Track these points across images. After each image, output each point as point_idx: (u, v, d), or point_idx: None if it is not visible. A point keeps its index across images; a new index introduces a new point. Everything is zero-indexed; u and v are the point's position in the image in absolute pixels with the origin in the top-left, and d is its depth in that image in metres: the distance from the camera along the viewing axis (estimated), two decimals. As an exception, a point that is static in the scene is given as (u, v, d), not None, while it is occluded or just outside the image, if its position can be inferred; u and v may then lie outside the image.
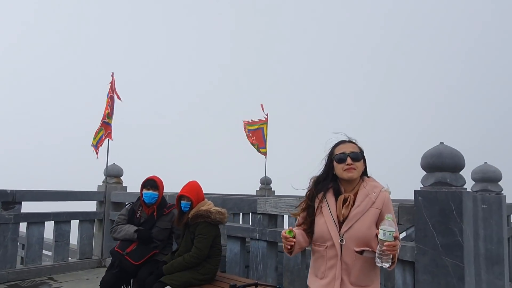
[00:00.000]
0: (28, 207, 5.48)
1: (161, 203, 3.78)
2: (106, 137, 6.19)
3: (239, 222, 7.71)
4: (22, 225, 5.43)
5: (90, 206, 6.27)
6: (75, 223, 5.98)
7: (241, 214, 7.82)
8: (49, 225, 5.71)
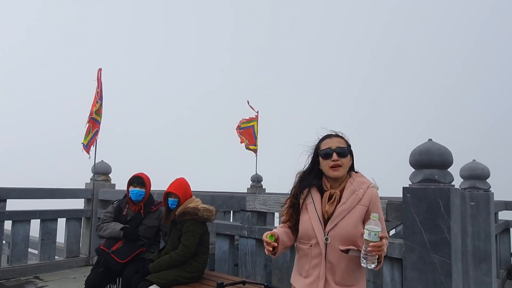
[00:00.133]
0: (13, 205, 5.38)
1: (148, 200, 3.72)
2: (95, 137, 6.07)
3: (229, 220, 7.67)
4: (7, 223, 5.33)
5: (77, 204, 6.17)
6: (62, 221, 5.89)
7: (232, 212, 7.79)
8: (35, 223, 5.62)
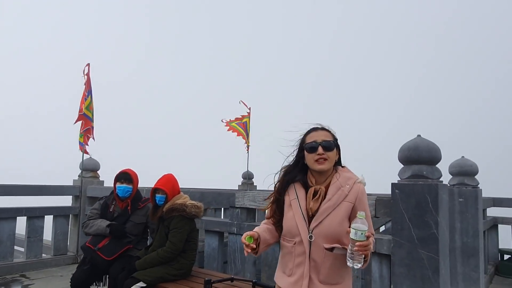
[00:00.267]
0: (-2, 201, 5.29)
1: (135, 196, 3.67)
2: (88, 134, 5.95)
3: (220, 217, 7.63)
4: (-8, 220, 5.23)
5: (65, 201, 6.08)
6: (49, 219, 5.79)
7: (223, 209, 7.75)
8: (22, 221, 5.52)
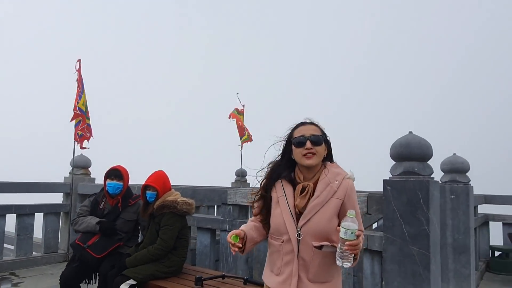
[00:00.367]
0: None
1: (126, 193, 3.62)
2: (86, 132, 5.86)
3: (213, 214, 7.61)
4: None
5: (55, 198, 6.01)
6: (39, 216, 5.72)
7: (216, 206, 7.73)
8: (11, 218, 5.45)
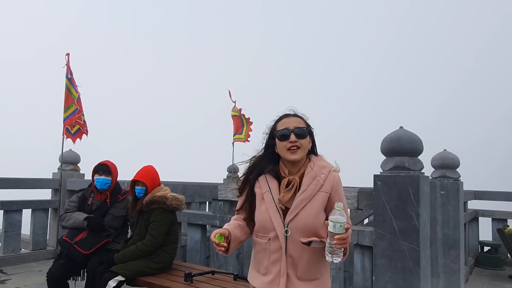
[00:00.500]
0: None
1: (114, 189, 3.57)
2: (80, 121, 5.76)
3: (205, 211, 7.57)
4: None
5: (44, 194, 5.93)
6: (27, 212, 5.64)
7: (207, 202, 7.69)
8: (-2, 215, 5.36)
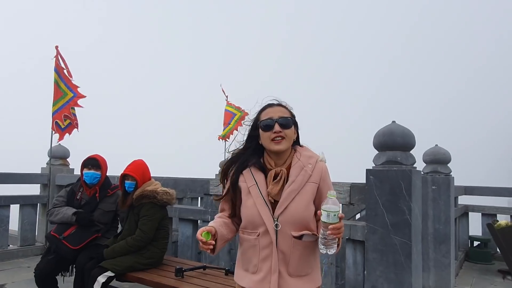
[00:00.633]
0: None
1: (104, 183, 3.51)
2: (70, 120, 5.65)
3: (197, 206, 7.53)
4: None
5: (33, 189, 5.83)
6: (15, 208, 5.53)
7: (199, 198, 7.66)
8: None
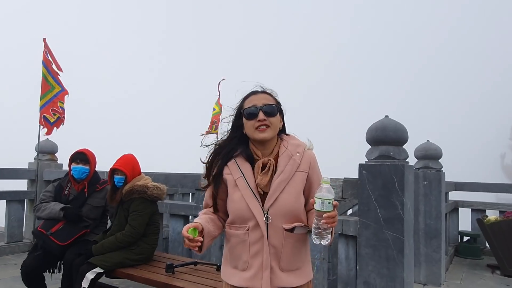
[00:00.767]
0: None
1: (92, 178, 3.44)
2: (59, 114, 5.54)
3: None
4: None
5: (20, 185, 5.72)
6: (2, 204, 5.42)
7: (190, 194, 7.61)
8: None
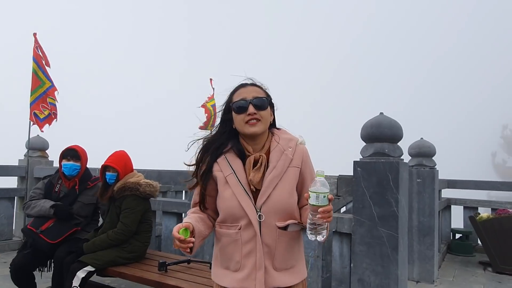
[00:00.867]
0: None
1: (84, 175, 3.38)
2: (49, 110, 5.43)
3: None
4: None
5: (9, 182, 5.62)
6: (-9, 201, 5.33)
7: (184, 192, 7.56)
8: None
